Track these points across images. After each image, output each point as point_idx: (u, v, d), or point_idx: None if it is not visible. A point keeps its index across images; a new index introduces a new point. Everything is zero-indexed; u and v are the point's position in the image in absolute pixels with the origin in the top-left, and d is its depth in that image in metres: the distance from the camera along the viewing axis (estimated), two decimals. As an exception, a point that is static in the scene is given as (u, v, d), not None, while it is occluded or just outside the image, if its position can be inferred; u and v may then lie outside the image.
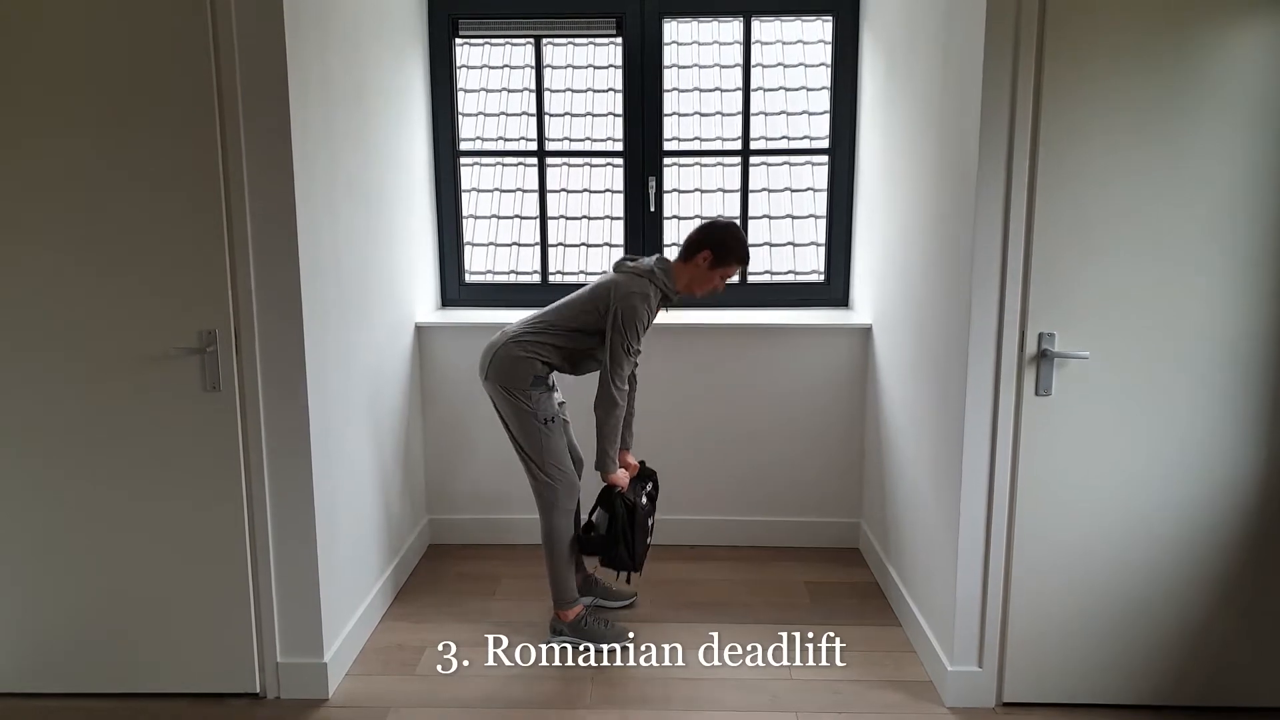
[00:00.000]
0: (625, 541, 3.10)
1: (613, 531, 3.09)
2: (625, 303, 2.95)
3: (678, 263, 3.07)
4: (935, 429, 2.93)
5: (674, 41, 4.51)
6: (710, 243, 3.02)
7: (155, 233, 2.57)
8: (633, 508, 3.12)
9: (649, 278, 3.02)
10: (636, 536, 3.13)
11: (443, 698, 2.85)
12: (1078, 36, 2.42)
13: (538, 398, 3.02)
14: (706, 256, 3.02)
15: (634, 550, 3.13)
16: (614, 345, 2.96)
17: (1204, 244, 2.50)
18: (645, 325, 3.00)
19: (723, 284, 3.11)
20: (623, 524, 3.09)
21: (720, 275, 3.07)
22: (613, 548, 3.11)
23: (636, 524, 3.12)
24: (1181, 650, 2.71)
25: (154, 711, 2.76)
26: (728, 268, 3.06)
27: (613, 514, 3.10)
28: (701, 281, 3.07)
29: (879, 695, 2.86)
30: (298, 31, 2.58)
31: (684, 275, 3.07)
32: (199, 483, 2.68)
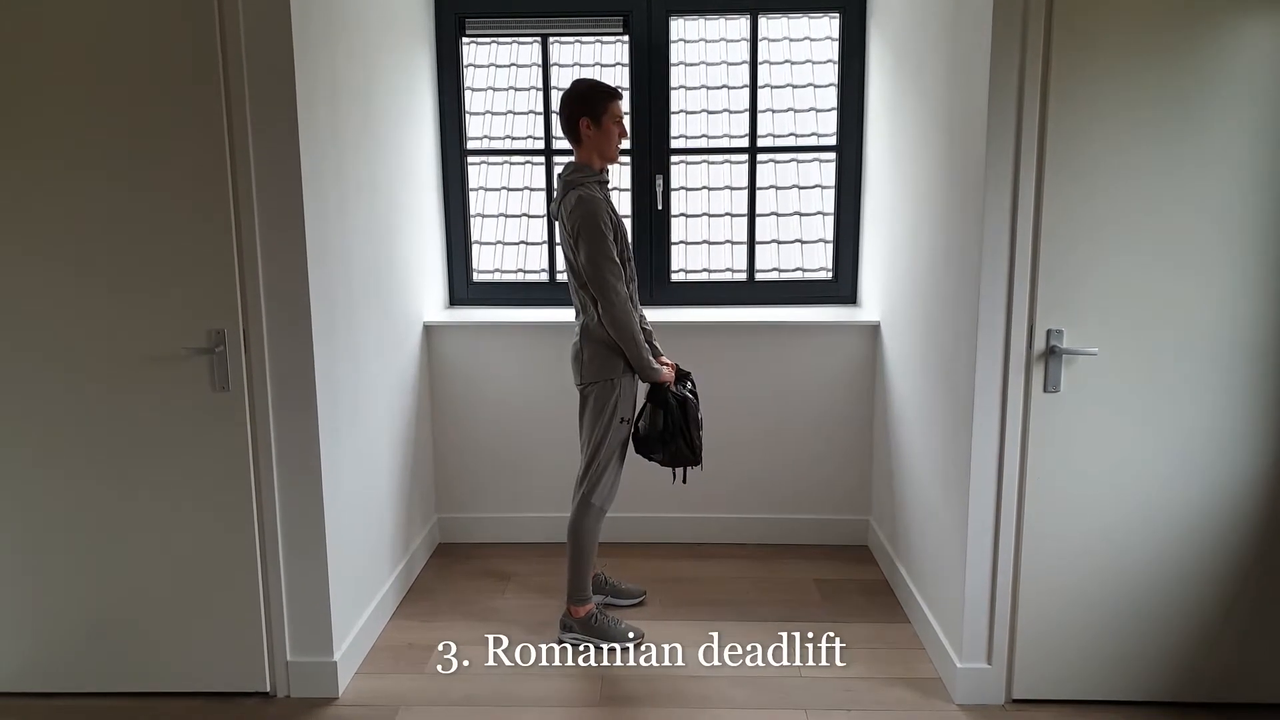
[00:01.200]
0: (684, 434, 3.10)
1: (670, 426, 3.08)
2: (573, 217, 2.89)
3: (577, 153, 3.01)
4: (944, 426, 2.93)
5: (681, 39, 4.51)
6: (577, 108, 2.95)
7: (164, 233, 2.58)
8: (684, 401, 3.11)
9: (573, 185, 2.95)
10: (692, 428, 3.12)
11: (452, 696, 2.85)
12: (1085, 34, 2.42)
13: (627, 388, 3.04)
14: (586, 123, 2.96)
15: (693, 442, 3.12)
16: (586, 258, 2.89)
17: (1213, 241, 2.49)
18: (606, 221, 2.91)
19: (621, 127, 3.01)
20: (678, 417, 3.08)
21: (611, 124, 2.97)
22: (673, 441, 3.09)
23: (689, 416, 3.11)
24: (1192, 646, 2.70)
25: (165, 710, 2.78)
26: (609, 113, 2.96)
27: (666, 409, 3.08)
28: (604, 144, 2.98)
29: (888, 692, 2.85)
30: (305, 31, 2.59)
31: (589, 154, 2.99)
32: (208, 482, 2.69)
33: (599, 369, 3.02)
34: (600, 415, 3.03)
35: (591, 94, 2.95)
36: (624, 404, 3.05)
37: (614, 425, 3.03)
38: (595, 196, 2.92)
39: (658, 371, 3.05)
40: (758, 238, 4.12)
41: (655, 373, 3.05)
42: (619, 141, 3.02)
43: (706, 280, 4.36)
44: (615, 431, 3.04)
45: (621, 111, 3.01)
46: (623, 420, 3.05)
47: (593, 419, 3.05)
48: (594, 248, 2.88)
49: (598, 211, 2.89)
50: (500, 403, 3.92)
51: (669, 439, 3.09)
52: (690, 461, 3.14)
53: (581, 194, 2.91)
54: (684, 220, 4.49)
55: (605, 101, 2.96)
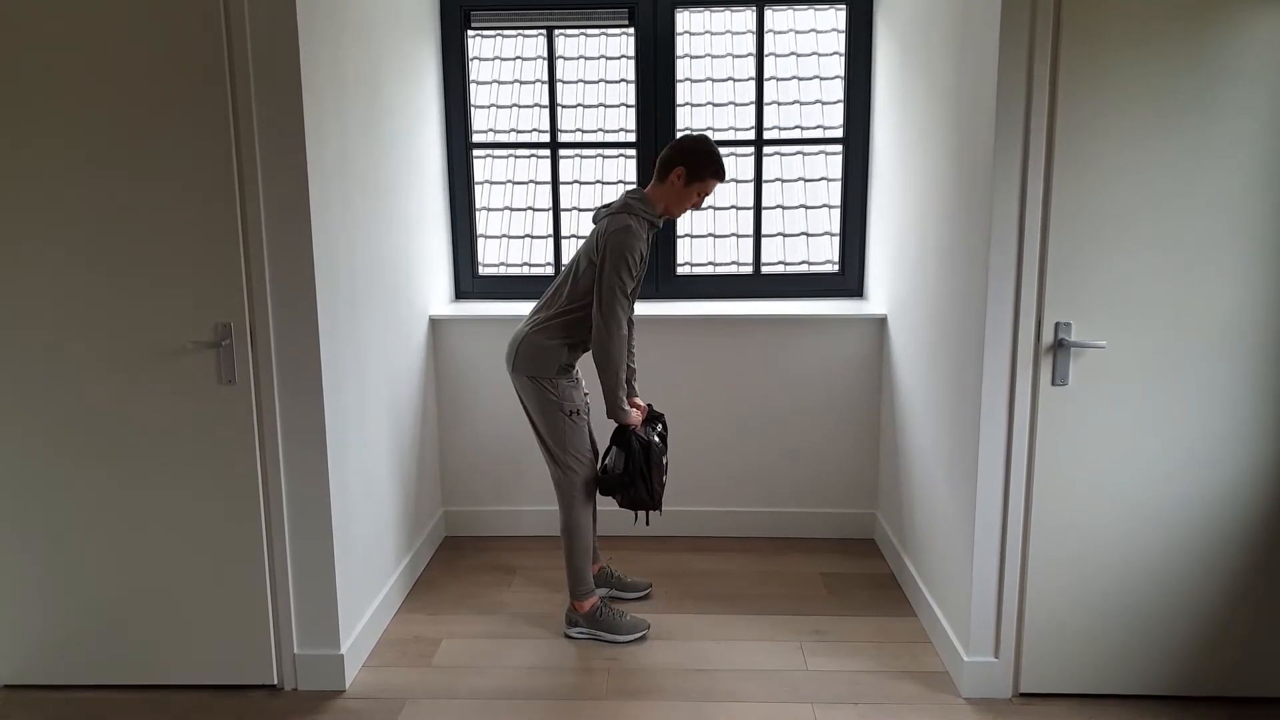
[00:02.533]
0: (644, 479, 3.09)
1: (630, 470, 3.07)
2: (613, 239, 2.89)
3: (653, 186, 3.01)
4: (951, 419, 2.92)
5: (686, 31, 4.49)
6: (683, 159, 2.95)
7: (170, 227, 2.58)
8: (648, 445, 3.10)
9: (627, 212, 2.95)
10: (653, 474, 3.11)
11: (459, 689, 2.86)
12: (1094, 25, 2.40)
13: (565, 388, 3.02)
14: (680, 174, 2.95)
15: (652, 488, 3.11)
16: (605, 284, 2.89)
17: (1223, 234, 2.48)
18: (638, 259, 2.92)
19: (700, 201, 3.03)
20: (639, 462, 3.08)
21: (697, 191, 2.99)
22: (631, 485, 3.08)
23: (652, 461, 3.11)
24: (1199, 641, 2.69)
25: (173, 703, 2.79)
26: (704, 183, 2.97)
27: (629, 452, 3.07)
28: (679, 200, 3.00)
29: (895, 686, 2.85)
30: (311, 26, 2.58)
31: (661, 197, 3.00)
32: (215, 476, 2.70)
33: (531, 363, 3.01)
34: (545, 412, 3.03)
35: (704, 156, 2.96)
36: (567, 400, 3.03)
37: (563, 419, 3.03)
38: (640, 234, 2.93)
39: (626, 413, 3.06)
40: (764, 231, 4.10)
41: (624, 414, 3.05)
42: (687, 209, 3.05)
43: (712, 274, 4.35)
44: (570, 427, 3.04)
45: (712, 190, 3.03)
46: (572, 413, 3.04)
47: (542, 419, 3.05)
48: (616, 278, 2.89)
49: (635, 248, 2.90)
50: (506, 396, 3.90)
51: (628, 483, 3.09)
52: (648, 507, 3.14)
53: (633, 224, 2.92)
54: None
55: (709, 173, 2.97)
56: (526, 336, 3.03)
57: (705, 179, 2.97)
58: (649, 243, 2.98)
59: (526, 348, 3.02)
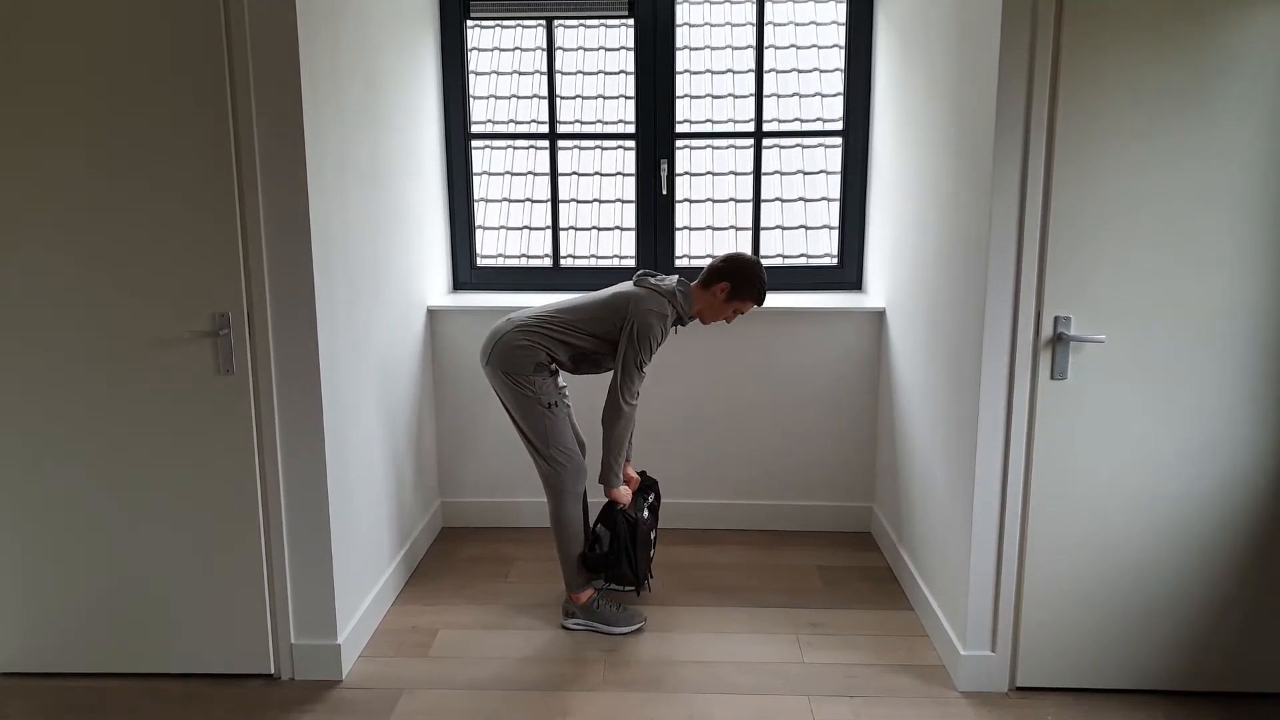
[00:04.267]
0: (628, 558, 3.13)
1: (615, 548, 3.12)
2: (643, 319, 2.95)
3: (696, 287, 3.07)
4: (949, 413, 2.92)
5: (686, 23, 4.48)
6: (731, 276, 3.03)
7: (168, 217, 2.57)
8: (634, 524, 3.14)
9: (669, 298, 3.01)
10: (638, 552, 3.15)
11: (455, 679, 2.86)
12: (1096, 17, 2.39)
13: (540, 382, 3.02)
14: (725, 288, 3.03)
15: (636, 566, 3.15)
16: (626, 359, 2.96)
17: (1222, 231, 2.47)
18: (658, 343, 3.00)
19: (733, 318, 3.13)
20: (625, 541, 3.11)
21: (734, 309, 3.09)
22: (616, 564, 3.13)
23: (638, 540, 3.14)
24: (1197, 636, 2.70)
25: (170, 691, 2.79)
26: (743, 303, 3.07)
27: (614, 531, 3.11)
28: (714, 311, 3.09)
29: (891, 679, 2.85)
30: (310, 15, 2.57)
31: (699, 301, 3.07)
32: (213, 466, 2.69)
33: (505, 359, 3.00)
34: (525, 408, 3.03)
35: (752, 279, 3.05)
36: (544, 393, 3.03)
37: (545, 414, 3.03)
38: (668, 323, 3.01)
39: (617, 484, 3.10)
40: (763, 223, 4.10)
41: (615, 482, 3.10)
42: (719, 321, 3.14)
43: (711, 266, 4.35)
44: (549, 419, 3.04)
45: (747, 311, 3.13)
46: (550, 406, 3.04)
47: (521, 414, 3.05)
48: (638, 354, 2.96)
49: (658, 334, 2.98)
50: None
51: (614, 562, 3.12)
52: (631, 584, 3.19)
53: (667, 312, 2.99)
54: (688, 205, 4.48)
55: (750, 298, 3.07)
56: (509, 333, 3.03)
57: (745, 300, 3.08)
58: (668, 331, 3.04)
59: (503, 347, 3.02)
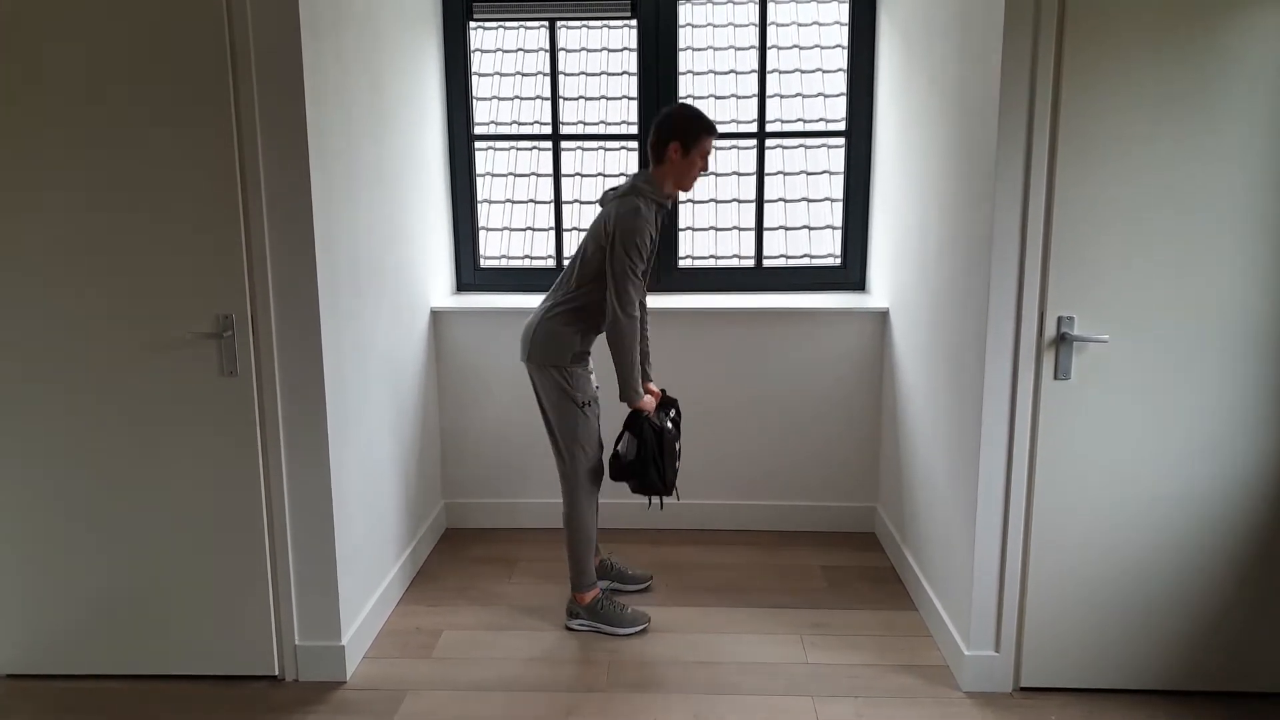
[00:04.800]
0: (656, 465, 3.08)
1: (643, 456, 3.07)
2: (621, 223, 2.88)
3: (655, 169, 2.99)
4: (953, 413, 2.91)
5: (689, 24, 4.48)
6: (673, 133, 2.93)
7: (172, 218, 2.57)
8: (660, 431, 3.10)
9: (636, 194, 2.94)
10: (666, 460, 3.11)
11: (459, 680, 2.86)
12: (1098, 18, 2.39)
13: (579, 377, 3.02)
14: (676, 148, 2.94)
15: (664, 474, 3.11)
16: (616, 267, 2.89)
17: (1225, 232, 2.47)
18: (647, 242, 2.92)
19: (705, 164, 3.00)
20: (652, 448, 3.07)
21: (699, 156, 2.97)
22: (644, 472, 3.08)
23: (665, 447, 3.11)
24: (1201, 635, 2.69)
25: (174, 693, 2.79)
26: (701, 145, 2.94)
27: (641, 439, 3.07)
28: (685, 173, 2.98)
29: (895, 680, 2.85)
30: (313, 16, 2.58)
31: (666, 176, 2.98)
32: (217, 467, 2.70)
33: (546, 352, 3.00)
34: (561, 405, 3.02)
35: (692, 123, 2.93)
36: (579, 389, 3.03)
37: (573, 409, 3.03)
38: (649, 217, 2.92)
39: (639, 397, 3.05)
40: (766, 224, 4.10)
41: (637, 397, 3.05)
42: (697, 176, 3.02)
43: (714, 266, 4.35)
44: (580, 418, 3.04)
45: (711, 148, 2.99)
46: (584, 405, 3.04)
47: (555, 409, 3.04)
48: (627, 260, 2.88)
49: (644, 231, 2.89)
50: (507, 388, 3.92)
51: (641, 470, 3.09)
52: (660, 492, 3.14)
53: (641, 206, 2.91)
54: (691, 206, 4.48)
55: (702, 135, 2.94)
56: (539, 324, 3.03)
57: (701, 141, 2.94)
58: (658, 225, 2.97)
59: (541, 336, 3.01)
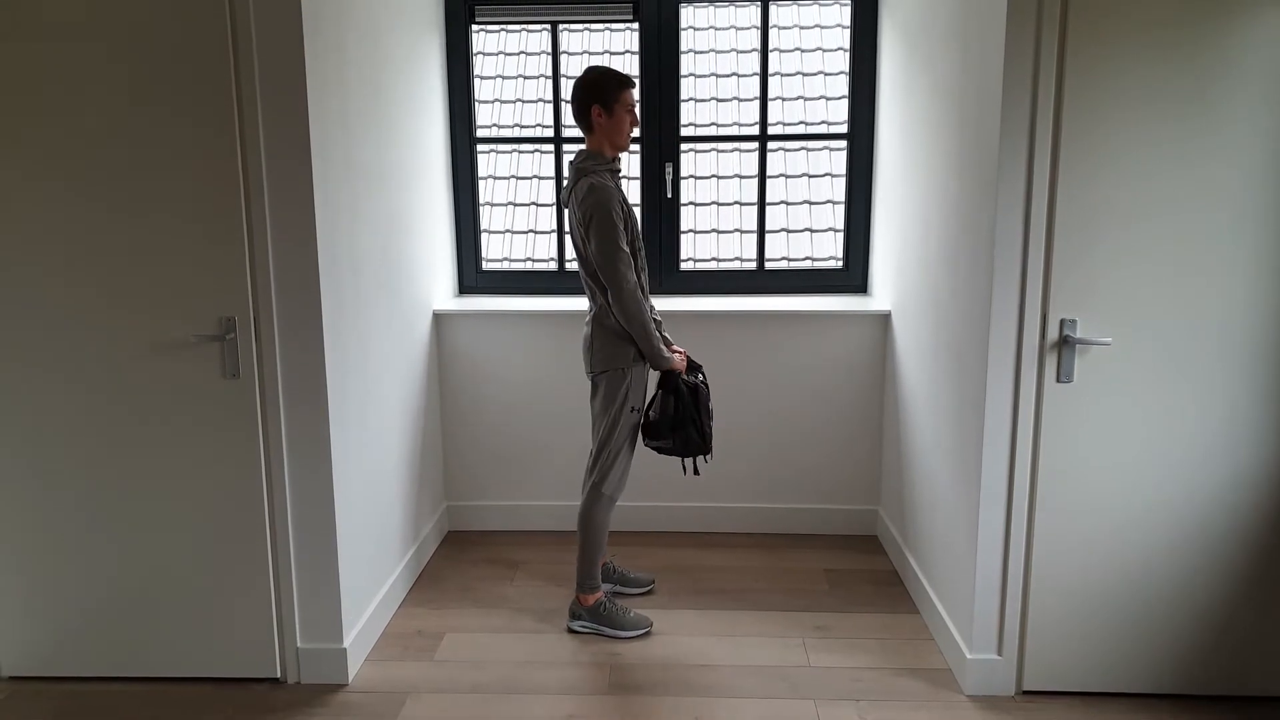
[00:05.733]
0: (694, 423, 3.08)
1: (681, 414, 3.07)
2: (585, 204, 2.88)
3: (588, 141, 2.99)
4: (955, 416, 2.91)
5: (690, 27, 4.48)
6: (589, 98, 2.94)
7: (174, 221, 2.58)
8: (695, 388, 3.10)
9: (585, 173, 2.94)
10: (703, 417, 3.10)
11: (461, 683, 2.86)
12: (1102, 19, 2.39)
13: (638, 377, 3.03)
14: (598, 111, 2.94)
15: (704, 429, 3.11)
16: (596, 243, 2.88)
17: (1228, 234, 2.47)
18: (619, 209, 2.90)
19: (634, 115, 3.00)
20: (689, 405, 3.07)
21: (624, 112, 2.95)
22: (683, 428, 3.07)
23: (700, 403, 3.10)
24: (1204, 639, 2.69)
25: (176, 695, 2.79)
26: (621, 101, 2.94)
27: (679, 396, 3.07)
28: (616, 132, 2.96)
29: (897, 683, 2.85)
30: (316, 20, 2.58)
31: (602, 142, 2.97)
32: (219, 470, 2.70)
33: (608, 358, 3.01)
34: (610, 404, 3.03)
35: (604, 81, 2.94)
36: (634, 393, 3.04)
37: (624, 414, 3.03)
38: (607, 185, 2.91)
39: (669, 359, 3.04)
40: (767, 226, 4.10)
41: (667, 360, 3.04)
42: (630, 130, 3.00)
43: (716, 269, 4.35)
44: (625, 420, 3.04)
45: (634, 100, 3.00)
46: (633, 409, 3.04)
47: (603, 408, 3.05)
48: (605, 237, 2.87)
49: (609, 200, 2.88)
50: (509, 391, 3.92)
51: (680, 426, 3.07)
52: (700, 450, 3.11)
53: (594, 182, 2.90)
54: (693, 208, 4.48)
55: (617, 90, 2.94)
56: (594, 333, 3.03)
57: (620, 97, 2.94)
58: (620, 190, 2.96)
59: (600, 343, 3.01)
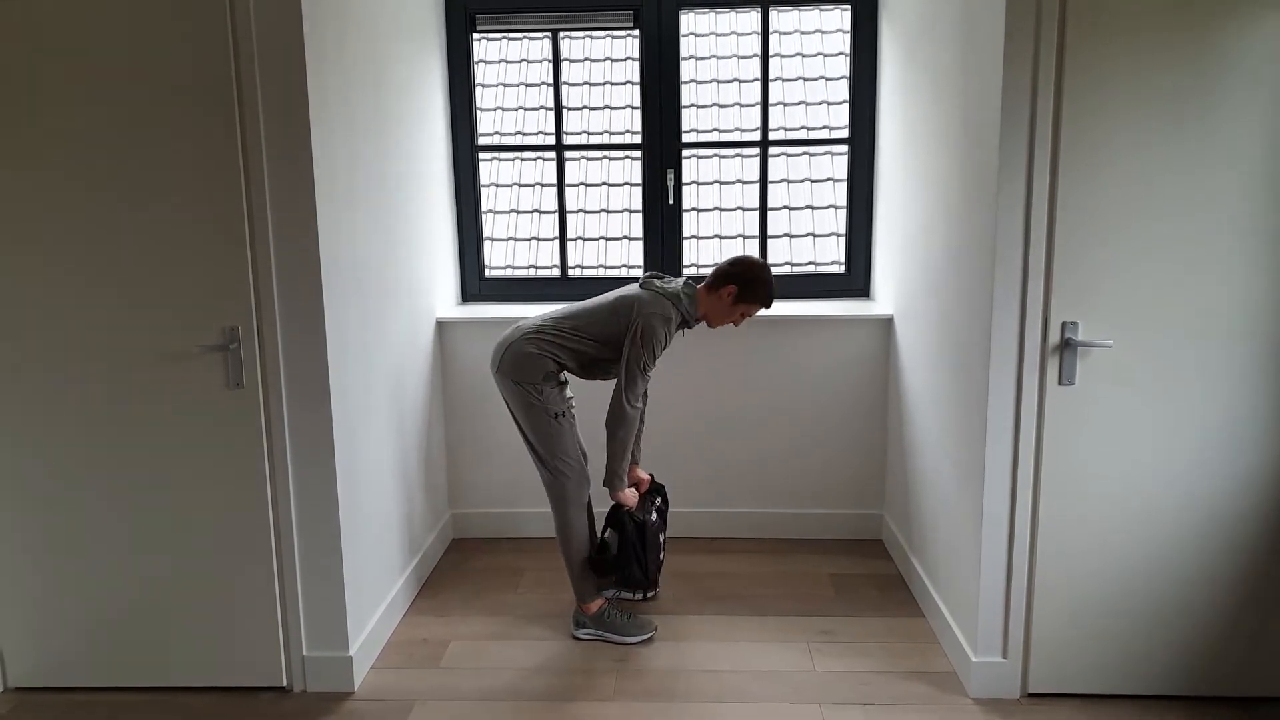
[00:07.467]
0: (638, 560, 3.13)
1: (624, 551, 3.12)
2: (647, 322, 2.95)
3: (702, 290, 3.08)
4: (958, 419, 2.91)
5: (691, 33, 4.49)
6: (739, 279, 3.03)
7: (177, 231, 2.59)
8: (642, 525, 3.14)
9: (674, 301, 3.01)
10: (648, 554, 3.15)
11: (467, 691, 2.86)
12: (1100, 22, 2.39)
13: (548, 392, 3.03)
14: (731, 291, 3.03)
15: (647, 568, 3.15)
16: (630, 362, 2.96)
17: (1228, 235, 2.47)
18: (663, 346, 3.00)
19: (740, 321, 3.13)
20: (634, 542, 3.11)
21: (741, 312, 3.09)
22: (626, 567, 3.13)
23: (647, 541, 3.14)
24: (1209, 640, 2.68)
25: (182, 705, 2.80)
26: (750, 306, 3.08)
27: (623, 533, 3.11)
28: (721, 314, 3.09)
29: (903, 687, 2.84)
30: (316, 28, 2.59)
31: (706, 304, 3.08)
32: (224, 479, 2.71)
33: (515, 369, 3.02)
34: (534, 419, 3.04)
35: (758, 283, 3.04)
36: (552, 403, 3.04)
37: (551, 423, 3.04)
38: (672, 326, 3.01)
39: (621, 486, 3.09)
40: (770, 232, 4.10)
41: (619, 485, 3.09)
42: (726, 324, 3.14)
43: (718, 274, 4.34)
44: (555, 429, 3.05)
45: (754, 314, 3.14)
46: (556, 415, 3.04)
47: (527, 422, 3.06)
48: (643, 357, 2.96)
49: (663, 337, 2.98)
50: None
51: (624, 564, 3.12)
52: (641, 585, 3.20)
53: (672, 315, 2.99)
54: (695, 215, 4.48)
55: (755, 300, 3.07)
56: (516, 342, 3.04)
57: (751, 303, 3.08)
58: (672, 334, 3.04)
59: (512, 355, 3.03)
